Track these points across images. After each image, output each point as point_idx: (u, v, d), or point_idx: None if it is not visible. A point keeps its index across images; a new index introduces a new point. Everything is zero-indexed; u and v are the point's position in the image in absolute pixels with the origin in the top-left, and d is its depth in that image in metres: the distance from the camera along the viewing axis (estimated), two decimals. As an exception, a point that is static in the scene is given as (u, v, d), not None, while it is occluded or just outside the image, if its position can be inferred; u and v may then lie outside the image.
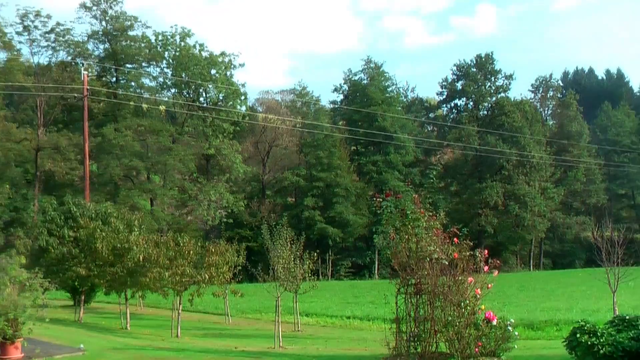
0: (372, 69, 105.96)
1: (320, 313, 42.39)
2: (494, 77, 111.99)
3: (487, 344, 19.12)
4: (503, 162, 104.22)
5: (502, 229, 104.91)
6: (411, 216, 19.27)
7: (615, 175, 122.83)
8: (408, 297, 19.25)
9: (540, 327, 32.73)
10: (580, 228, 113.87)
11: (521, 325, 30.53)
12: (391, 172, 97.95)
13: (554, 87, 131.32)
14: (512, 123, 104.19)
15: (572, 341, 19.25)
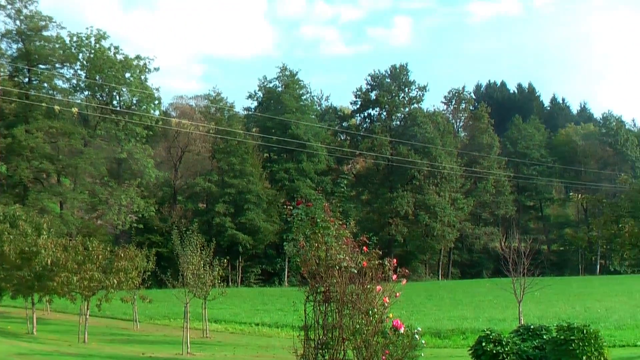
0: (287, 77, 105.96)
1: (229, 320, 42.33)
2: (408, 88, 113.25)
3: (394, 352, 19.33)
4: (414, 172, 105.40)
5: (411, 238, 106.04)
6: (321, 224, 19.39)
7: (524, 188, 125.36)
8: (317, 305, 19.35)
9: (447, 336, 33.21)
10: (488, 238, 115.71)
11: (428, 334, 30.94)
12: (303, 179, 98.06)
13: (466, 100, 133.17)
14: (424, 134, 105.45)
15: (477, 350, 19.64)
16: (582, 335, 19.24)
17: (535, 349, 20.03)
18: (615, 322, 35.38)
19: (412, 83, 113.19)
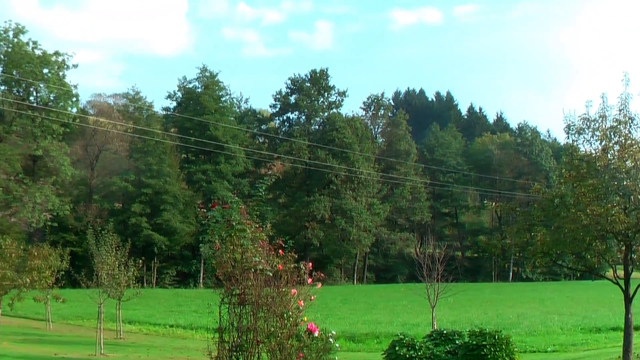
0: (207, 78, 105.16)
1: (144, 321, 41.89)
2: (328, 93, 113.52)
3: (309, 356, 19.34)
4: (332, 176, 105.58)
5: (328, 242, 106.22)
6: (237, 227, 19.33)
7: (439, 195, 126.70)
8: (232, 307, 19.28)
9: (362, 340, 33.33)
10: (404, 244, 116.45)
11: (343, 337, 31.07)
12: (220, 181, 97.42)
13: (385, 106, 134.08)
14: (343, 139, 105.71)
15: (391, 354, 19.76)
16: (493, 341, 19.50)
17: (447, 353, 20.24)
18: (526, 328, 35.96)
19: (332, 88, 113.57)
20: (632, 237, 18.27)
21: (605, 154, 18.27)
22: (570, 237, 18.27)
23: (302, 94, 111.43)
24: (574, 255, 19.85)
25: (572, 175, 19.00)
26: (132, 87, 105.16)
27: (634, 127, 18.49)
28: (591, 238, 18.42)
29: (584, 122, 18.55)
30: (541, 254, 19.29)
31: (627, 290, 18.87)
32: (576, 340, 31.17)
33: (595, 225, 17.81)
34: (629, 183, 17.83)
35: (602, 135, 18.42)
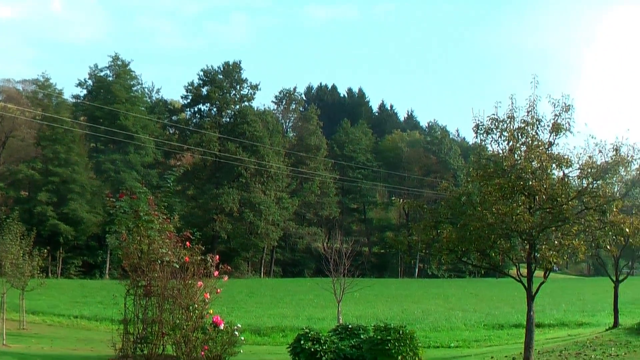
0: (119, 66, 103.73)
1: (48, 312, 41.05)
2: (240, 86, 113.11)
3: (214, 348, 19.30)
4: (241, 169, 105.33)
5: (235, 236, 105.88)
6: (145, 218, 19.17)
7: (348, 190, 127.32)
8: (137, 299, 19.12)
9: (267, 333, 33.24)
10: (311, 238, 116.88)
11: (248, 331, 30.95)
12: (129, 171, 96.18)
13: (296, 100, 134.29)
14: (254, 132, 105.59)
15: (296, 347, 19.80)
16: (398, 336, 19.68)
17: (352, 347, 20.36)
18: (430, 323, 36.34)
19: (245, 81, 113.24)
20: (535, 237, 18.62)
21: (512, 154, 18.59)
22: (476, 235, 18.55)
23: (215, 86, 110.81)
24: (479, 253, 20.13)
25: (479, 174, 19.29)
26: (42, 74, 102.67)
27: (541, 129, 18.86)
28: (496, 236, 18.75)
29: (493, 122, 18.85)
30: (447, 251, 19.54)
31: (529, 288, 19.24)
32: (479, 336, 31.60)
33: (501, 224, 18.12)
34: (534, 183, 18.16)
35: (510, 136, 18.74)
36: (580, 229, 18.73)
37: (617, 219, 18.48)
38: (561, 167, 19.01)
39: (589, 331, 29.48)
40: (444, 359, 22.75)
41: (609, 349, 19.91)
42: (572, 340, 25.10)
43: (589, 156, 20.34)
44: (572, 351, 20.33)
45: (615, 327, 27.43)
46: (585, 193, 18.54)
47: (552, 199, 18.17)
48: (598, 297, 52.10)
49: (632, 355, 18.30)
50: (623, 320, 29.73)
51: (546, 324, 34.64)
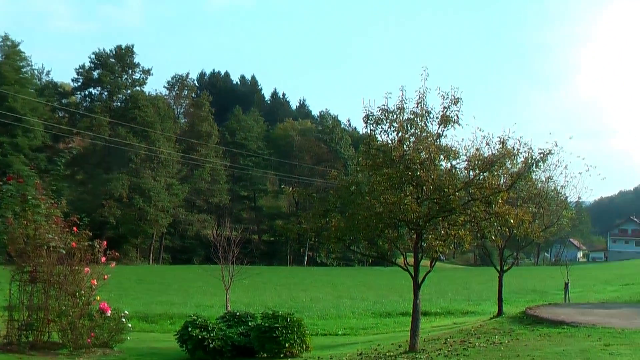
0: (9, 47, 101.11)
1: None
2: (132, 70, 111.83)
3: (100, 335, 19.11)
4: (132, 155, 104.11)
5: (125, 221, 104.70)
6: (32, 202, 18.79)
7: (239, 178, 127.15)
8: (22, 285, 18.75)
9: (155, 320, 32.93)
10: (201, 225, 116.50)
11: (136, 318, 30.60)
12: (17, 155, 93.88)
13: (189, 87, 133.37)
14: (145, 117, 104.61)
15: (183, 335, 19.71)
16: (285, 323, 19.78)
17: (240, 335, 20.37)
18: (319, 311, 36.54)
19: (137, 65, 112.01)
20: (423, 226, 18.89)
21: (402, 145, 18.78)
22: (364, 224, 18.71)
23: (106, 69, 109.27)
24: (367, 242, 20.33)
25: (368, 164, 19.44)
26: None
27: (430, 120, 19.11)
28: (384, 225, 18.94)
29: (383, 113, 18.98)
30: (335, 240, 19.68)
31: (416, 277, 19.50)
32: (367, 324, 31.89)
33: (388, 213, 18.32)
34: (422, 174, 18.40)
35: (399, 127, 18.91)
36: (466, 220, 19.07)
37: (502, 210, 18.87)
38: (449, 159, 19.31)
39: (474, 319, 30.03)
40: (331, 347, 22.87)
41: (493, 337, 20.33)
42: (457, 328, 25.55)
43: (476, 148, 20.75)
44: (457, 339, 20.70)
45: (499, 316, 28.02)
46: (471, 184, 18.88)
47: (440, 190, 18.45)
48: (484, 287, 53.21)
49: (514, 343, 18.72)
50: (507, 309, 30.42)
51: (433, 313, 35.15)
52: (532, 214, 24.46)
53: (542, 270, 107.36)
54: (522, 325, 22.94)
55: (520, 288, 52.06)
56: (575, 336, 19.06)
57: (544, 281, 60.30)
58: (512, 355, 16.26)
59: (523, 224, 20.83)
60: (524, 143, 20.51)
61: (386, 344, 21.42)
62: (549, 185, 29.54)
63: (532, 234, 24.46)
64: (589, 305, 29.33)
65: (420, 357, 17.54)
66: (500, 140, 20.10)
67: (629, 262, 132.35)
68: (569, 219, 30.70)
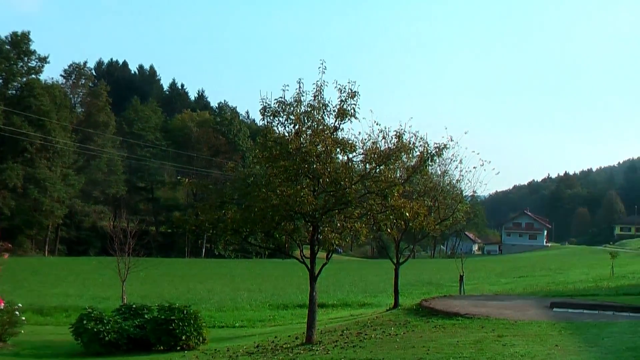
0: None
1: None
2: (28, 58, 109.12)
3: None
4: (27, 144, 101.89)
5: (19, 212, 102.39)
6: None
7: (137, 168, 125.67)
8: None
9: (50, 313, 32.46)
10: (97, 217, 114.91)
11: (30, 310, 30.10)
12: None
13: (86, 76, 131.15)
14: (40, 106, 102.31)
15: (78, 327, 19.47)
16: (182, 316, 19.71)
17: (136, 327, 20.21)
18: (216, 303, 36.49)
19: (33, 53, 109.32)
20: (319, 219, 18.97)
21: (298, 138, 18.81)
22: (260, 216, 18.70)
23: (1, 56, 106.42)
24: (264, 234, 20.33)
25: (265, 156, 19.43)
26: None
27: (327, 113, 19.19)
28: (280, 218, 18.96)
29: (280, 105, 19.01)
30: (231, 232, 19.62)
31: (312, 269, 19.59)
32: (264, 316, 31.98)
33: (285, 206, 18.33)
34: (318, 167, 18.47)
35: (296, 119, 18.96)
36: (362, 213, 19.24)
37: (398, 204, 19.09)
38: (345, 152, 19.42)
39: (370, 311, 30.35)
40: (228, 339, 22.85)
41: (389, 329, 20.54)
42: (354, 320, 25.73)
43: (372, 142, 20.93)
44: (353, 331, 20.85)
45: (395, 308, 28.30)
46: (368, 177, 19.03)
47: (336, 183, 18.56)
48: (380, 279, 53.78)
49: (410, 334, 18.94)
50: (403, 301, 30.82)
51: (330, 305, 35.44)
52: (428, 207, 24.80)
53: (438, 262, 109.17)
54: (418, 316, 23.22)
55: (417, 280, 52.84)
56: (469, 327, 19.39)
57: (439, 273, 61.33)
58: (407, 347, 16.47)
59: (418, 217, 21.10)
60: (420, 137, 20.80)
61: (283, 336, 21.49)
62: (445, 179, 30.03)
63: (428, 227, 24.84)
64: (483, 297, 29.87)
65: (317, 349, 17.64)
66: (397, 134, 20.32)
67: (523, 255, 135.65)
68: (464, 212, 31.22)
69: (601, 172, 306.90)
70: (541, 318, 21.04)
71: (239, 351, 18.89)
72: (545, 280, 50.40)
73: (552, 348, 14.97)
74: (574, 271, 61.52)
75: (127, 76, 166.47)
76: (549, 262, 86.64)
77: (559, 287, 39.56)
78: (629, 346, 14.91)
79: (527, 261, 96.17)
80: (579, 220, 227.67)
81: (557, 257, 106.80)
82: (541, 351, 14.59)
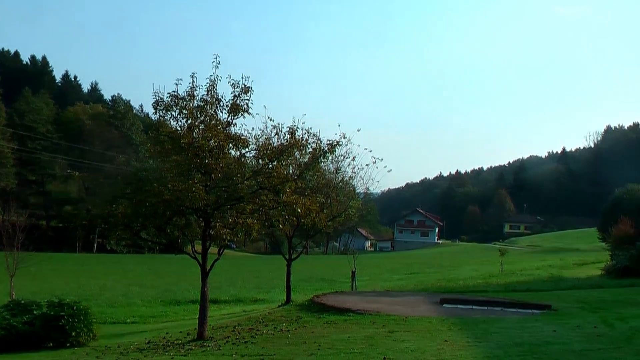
0: None
1: None
2: None
3: None
4: None
5: None
6: None
7: (27, 161, 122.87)
8: None
9: None
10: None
11: None
12: None
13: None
14: None
15: (-37, 324, 19.05)
16: (72, 312, 19.46)
17: (25, 324, 19.89)
18: (107, 299, 36.12)
19: None
20: (211, 214, 18.94)
21: (191, 132, 18.74)
22: (152, 211, 18.56)
23: None
24: (156, 229, 20.18)
25: (157, 150, 19.30)
26: None
27: (220, 108, 19.14)
28: (172, 213, 18.85)
29: (173, 99, 18.87)
30: (123, 227, 19.44)
31: (204, 265, 19.55)
32: (156, 312, 31.78)
33: (177, 201, 18.23)
34: (211, 162, 18.44)
35: (189, 114, 18.87)
36: (254, 208, 19.26)
37: (290, 200, 19.19)
38: (238, 147, 19.44)
39: (263, 307, 30.42)
40: (120, 335, 22.67)
41: (280, 324, 20.64)
42: (246, 315, 25.79)
43: (266, 138, 21.00)
44: (245, 326, 20.89)
45: (287, 304, 28.42)
46: (260, 173, 19.08)
47: (228, 178, 18.57)
48: (274, 275, 53.87)
49: (301, 330, 19.07)
50: (296, 297, 30.98)
51: (223, 300, 35.40)
52: (320, 203, 24.96)
53: (330, 259, 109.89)
54: (310, 312, 23.38)
55: (309, 276, 53.08)
56: (360, 323, 19.62)
57: (332, 270, 61.68)
58: (299, 342, 16.58)
59: (310, 213, 21.25)
60: (314, 134, 20.92)
61: (175, 332, 21.41)
62: (338, 176, 30.26)
63: (320, 223, 24.99)
64: (375, 294, 30.24)
65: (209, 345, 17.63)
66: (290, 131, 20.40)
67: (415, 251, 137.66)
68: (357, 209, 31.51)
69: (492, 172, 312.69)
70: (431, 314, 21.44)
71: (130, 347, 18.74)
72: (436, 276, 51.25)
73: (442, 343, 15.28)
74: (464, 268, 62.73)
75: (19, 66, 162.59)
76: (440, 259, 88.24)
77: (449, 284, 40.21)
78: (516, 341, 15.35)
79: (419, 258, 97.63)
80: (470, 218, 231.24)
81: (449, 254, 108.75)
82: (431, 346, 14.88)
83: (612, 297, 26.31)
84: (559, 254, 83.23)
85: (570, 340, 15.21)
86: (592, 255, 65.36)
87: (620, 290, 29.69)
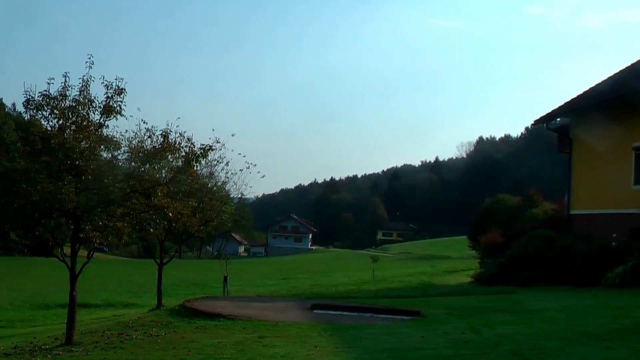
0: None
1: None
2: None
3: None
4: None
5: None
6: None
7: None
8: None
9: None
10: None
11: None
12: None
13: None
14: None
15: None
16: None
17: None
18: None
19: None
20: (80, 217, 18.70)
21: (62, 133, 18.45)
22: (20, 213, 18.22)
23: None
24: (25, 231, 19.82)
25: (27, 150, 18.97)
26: None
27: (93, 109, 18.91)
28: (40, 215, 18.53)
29: (44, 98, 18.54)
30: None
31: (73, 268, 19.28)
32: (24, 316, 31.27)
33: (45, 203, 17.92)
34: (82, 163, 18.20)
35: (61, 114, 18.57)
36: (126, 212, 19.11)
37: (161, 203, 19.13)
38: (110, 149, 19.28)
39: (134, 312, 30.18)
40: None
41: (151, 329, 20.50)
42: (116, 320, 25.52)
43: (139, 140, 20.86)
44: (114, 331, 20.66)
45: (158, 308, 28.23)
46: (132, 176, 18.95)
47: (99, 180, 18.38)
48: (146, 279, 53.38)
49: (172, 335, 19.00)
50: (167, 302, 30.77)
51: (93, 305, 34.95)
52: (193, 208, 24.87)
53: (204, 263, 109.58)
54: (180, 317, 23.28)
55: (182, 281, 52.95)
56: (231, 329, 19.67)
57: (205, 274, 61.53)
58: (169, 347, 16.54)
59: (182, 217, 21.24)
60: (187, 138, 20.84)
61: (43, 337, 21.04)
62: (211, 181, 30.28)
63: (191, 227, 24.98)
64: (246, 299, 30.30)
65: (77, 350, 17.40)
66: (163, 134, 20.30)
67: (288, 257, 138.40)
68: (230, 214, 31.59)
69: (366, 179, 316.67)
70: (302, 319, 21.61)
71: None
72: (308, 282, 51.64)
73: (312, 349, 15.43)
74: (337, 274, 63.35)
75: None
76: (313, 265, 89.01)
77: (322, 289, 40.55)
78: (385, 347, 15.62)
79: (293, 264, 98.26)
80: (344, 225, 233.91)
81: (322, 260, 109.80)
82: (301, 352, 15.02)
83: (480, 304, 26.94)
84: (430, 261, 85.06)
85: (438, 346, 15.53)
86: (462, 263, 66.84)
87: (488, 298, 30.44)
